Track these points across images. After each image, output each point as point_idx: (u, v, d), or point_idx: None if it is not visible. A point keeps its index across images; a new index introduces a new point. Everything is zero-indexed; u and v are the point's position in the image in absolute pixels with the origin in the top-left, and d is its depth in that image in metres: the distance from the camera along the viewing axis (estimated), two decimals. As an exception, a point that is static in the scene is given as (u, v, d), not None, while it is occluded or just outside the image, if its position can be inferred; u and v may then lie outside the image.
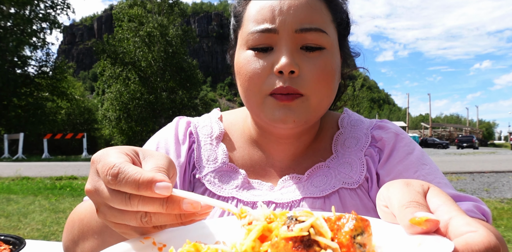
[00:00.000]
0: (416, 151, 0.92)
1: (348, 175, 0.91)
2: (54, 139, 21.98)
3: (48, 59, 27.19)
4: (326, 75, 0.84)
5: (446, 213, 0.41)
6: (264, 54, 0.85)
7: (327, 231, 0.39)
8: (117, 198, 0.49)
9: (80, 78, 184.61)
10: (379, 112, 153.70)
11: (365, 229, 0.40)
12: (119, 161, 0.50)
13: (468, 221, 0.39)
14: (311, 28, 0.83)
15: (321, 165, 0.94)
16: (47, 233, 4.59)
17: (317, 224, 0.39)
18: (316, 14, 0.84)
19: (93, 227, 0.74)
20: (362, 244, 0.39)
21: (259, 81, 0.84)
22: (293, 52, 0.82)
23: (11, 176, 9.80)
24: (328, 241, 0.38)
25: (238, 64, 0.88)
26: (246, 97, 0.88)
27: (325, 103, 0.87)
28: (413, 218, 0.40)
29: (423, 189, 0.47)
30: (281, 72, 0.81)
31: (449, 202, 0.43)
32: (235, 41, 0.94)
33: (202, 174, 0.95)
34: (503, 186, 8.75)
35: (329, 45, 0.85)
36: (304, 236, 0.38)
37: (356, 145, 0.96)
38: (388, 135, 0.95)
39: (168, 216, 0.50)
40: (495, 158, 20.13)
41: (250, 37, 0.85)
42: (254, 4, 0.88)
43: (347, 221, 0.40)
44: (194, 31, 35.04)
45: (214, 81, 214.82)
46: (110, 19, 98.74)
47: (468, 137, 48.95)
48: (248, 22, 0.87)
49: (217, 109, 1.11)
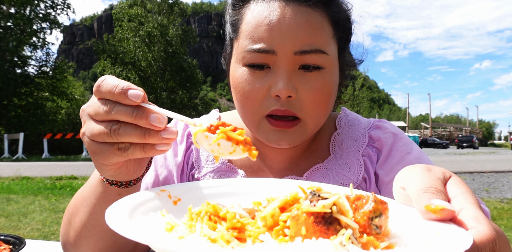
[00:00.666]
0: (414, 151, 0.92)
1: (346, 176, 0.92)
2: (54, 138, 21.94)
3: (48, 59, 27.17)
4: (324, 97, 0.83)
5: (460, 204, 0.41)
6: (260, 73, 0.82)
7: (349, 210, 0.39)
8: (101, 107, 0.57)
9: (80, 78, 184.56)
10: (379, 112, 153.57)
11: (383, 212, 0.40)
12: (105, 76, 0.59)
13: (477, 215, 0.39)
14: (311, 50, 0.80)
15: (319, 166, 0.94)
16: (47, 233, 4.59)
17: (340, 202, 0.39)
18: (316, 33, 0.80)
19: (84, 196, 0.75)
20: (378, 226, 0.40)
21: (256, 103, 0.82)
22: (290, 75, 0.80)
23: (11, 175, 9.79)
24: (349, 220, 0.38)
25: (234, 80, 0.86)
26: (242, 114, 0.87)
27: (320, 124, 0.87)
28: (429, 204, 0.40)
29: (444, 176, 0.46)
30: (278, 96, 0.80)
31: (467, 194, 0.43)
32: (231, 50, 0.91)
33: (201, 174, 0.96)
34: (503, 186, 8.75)
35: (328, 64, 0.83)
36: (326, 213, 0.38)
37: (353, 145, 0.95)
38: (386, 135, 0.94)
39: (134, 129, 0.56)
40: (495, 158, 20.12)
41: (247, 55, 0.82)
42: (251, 17, 0.82)
43: (366, 202, 0.40)
44: (194, 31, 35.02)
45: (214, 81, 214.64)
46: (110, 19, 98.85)
47: (468, 136, 48.96)
48: (245, 37, 0.83)
49: (216, 110, 1.11)
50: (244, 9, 0.86)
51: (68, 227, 0.78)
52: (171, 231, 0.46)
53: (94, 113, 0.57)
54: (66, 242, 0.80)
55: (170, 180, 0.94)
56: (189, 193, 0.61)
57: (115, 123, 0.56)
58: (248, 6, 0.85)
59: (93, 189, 0.72)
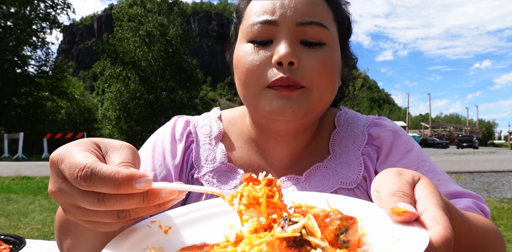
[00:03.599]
0: (414, 148, 0.92)
1: (346, 175, 0.91)
2: (54, 138, 21.95)
3: (48, 58, 27.20)
4: (327, 69, 0.82)
5: (424, 205, 0.44)
6: (263, 47, 0.83)
7: (318, 231, 0.42)
8: (88, 199, 0.46)
9: (80, 78, 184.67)
10: (379, 112, 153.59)
11: (349, 227, 0.43)
12: (88, 160, 0.46)
13: (435, 215, 0.42)
14: (312, 21, 0.82)
15: (319, 165, 0.93)
16: (47, 232, 4.59)
17: (309, 224, 0.42)
18: (317, 9, 0.84)
19: (67, 223, 0.69)
20: (345, 241, 0.43)
21: (257, 73, 0.82)
22: (292, 44, 0.81)
23: (11, 175, 9.79)
24: (318, 240, 0.41)
25: (237, 57, 0.87)
26: (243, 90, 0.86)
27: (326, 98, 0.86)
28: (394, 207, 0.44)
29: (413, 180, 0.49)
30: (280, 63, 0.80)
31: (431, 195, 0.45)
32: (235, 38, 0.94)
33: (200, 173, 0.95)
34: (503, 185, 8.75)
35: (329, 41, 0.84)
36: (296, 237, 0.41)
37: (353, 144, 0.95)
38: (386, 133, 0.94)
39: (147, 208, 0.49)
40: (495, 158, 20.12)
41: (250, 29, 0.84)
42: (256, 1, 0.88)
43: (331, 221, 0.44)
44: (194, 30, 35.06)
45: (214, 81, 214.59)
46: (110, 18, 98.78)
47: (468, 136, 48.93)
48: (249, 15, 0.87)
49: (217, 108, 1.10)
50: (250, 2, 0.91)
51: (57, 238, 0.76)
52: None
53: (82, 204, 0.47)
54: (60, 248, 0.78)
55: (169, 180, 0.93)
56: (178, 219, 0.60)
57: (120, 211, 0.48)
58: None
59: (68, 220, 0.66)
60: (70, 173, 0.46)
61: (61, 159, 0.48)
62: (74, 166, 0.46)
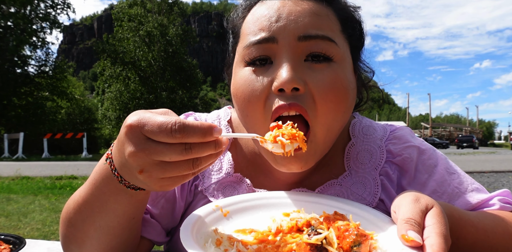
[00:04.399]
0: (440, 161, 0.88)
1: (361, 196, 0.85)
2: (54, 138, 21.95)
3: (48, 58, 27.17)
4: (337, 92, 0.71)
5: (428, 233, 0.53)
6: (262, 70, 0.73)
7: (335, 243, 0.55)
8: (176, 150, 0.53)
9: (80, 78, 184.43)
10: (379, 112, 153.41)
11: (362, 242, 0.55)
12: (172, 118, 0.53)
13: (433, 243, 0.51)
14: (317, 35, 0.70)
15: (333, 182, 0.87)
16: (47, 232, 4.59)
17: (329, 236, 0.56)
18: (322, 20, 0.73)
19: (94, 203, 0.69)
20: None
21: (257, 106, 0.73)
22: (295, 65, 0.71)
23: (11, 175, 9.79)
24: (334, 250, 0.54)
25: (235, 85, 0.77)
26: (245, 124, 0.79)
27: (334, 131, 0.76)
28: (405, 234, 0.53)
29: (426, 208, 0.57)
30: (282, 90, 0.70)
31: (437, 224, 0.53)
32: (233, 58, 0.85)
33: (205, 185, 0.90)
34: (503, 186, 8.74)
35: (338, 57, 0.73)
36: (318, 244, 0.55)
37: (370, 161, 0.88)
38: (409, 150, 0.87)
39: (213, 155, 0.56)
40: (495, 158, 20.11)
41: (247, 51, 0.74)
42: (251, 16, 0.78)
43: (349, 234, 0.55)
44: (194, 30, 35.03)
45: (214, 81, 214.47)
46: (110, 18, 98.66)
47: (468, 136, 48.92)
48: (245, 35, 0.77)
49: (228, 108, 1.02)
50: (246, 15, 0.82)
51: (71, 228, 0.74)
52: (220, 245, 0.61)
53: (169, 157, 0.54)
54: (69, 243, 0.76)
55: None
56: (234, 206, 0.75)
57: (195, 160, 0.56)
58: (250, 11, 0.81)
59: (102, 188, 0.67)
60: (161, 129, 0.52)
61: (143, 123, 0.54)
62: (165, 123, 0.52)
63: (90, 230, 0.71)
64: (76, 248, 0.75)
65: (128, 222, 0.71)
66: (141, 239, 0.85)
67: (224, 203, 0.75)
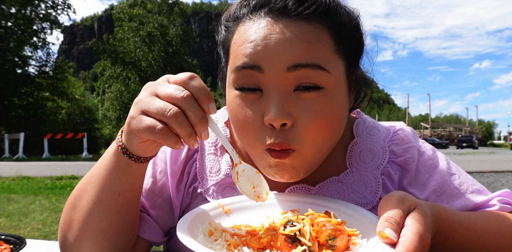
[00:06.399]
0: (440, 161, 0.89)
1: (362, 195, 0.86)
2: (54, 138, 21.96)
3: (48, 59, 27.16)
4: (326, 123, 0.73)
5: (404, 232, 0.56)
6: (253, 97, 0.74)
7: (307, 234, 0.61)
8: (180, 92, 0.62)
9: (81, 78, 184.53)
10: (379, 112, 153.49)
11: (337, 236, 0.60)
12: (187, 74, 0.65)
13: (405, 240, 0.54)
14: (308, 64, 0.69)
15: (334, 179, 0.87)
16: (48, 232, 4.59)
17: (303, 229, 0.62)
18: (312, 47, 0.70)
19: (93, 172, 0.77)
20: (333, 245, 0.60)
21: (252, 133, 0.75)
22: (284, 98, 0.71)
23: (12, 175, 9.79)
24: (305, 240, 0.60)
25: (229, 105, 0.79)
26: (242, 143, 0.83)
27: (323, 151, 0.78)
28: (381, 231, 0.57)
29: (409, 209, 0.60)
30: (272, 125, 0.72)
31: (415, 224, 0.57)
32: (226, 70, 0.83)
33: (204, 187, 0.90)
34: (503, 186, 8.74)
35: (330, 84, 0.72)
36: (291, 235, 0.61)
37: (372, 160, 0.88)
38: (411, 151, 0.88)
39: (197, 122, 0.62)
40: (495, 158, 20.10)
41: (235, 75, 0.74)
42: (237, 36, 0.76)
43: (326, 229, 0.61)
44: (194, 31, 35.02)
45: (214, 81, 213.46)
46: (111, 19, 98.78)
47: (467, 136, 48.89)
48: (233, 55, 0.76)
49: (226, 109, 1.01)
50: (234, 30, 0.79)
51: (72, 212, 0.76)
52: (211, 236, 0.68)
53: (167, 93, 0.62)
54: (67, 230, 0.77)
55: (167, 187, 0.89)
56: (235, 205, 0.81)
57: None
58: (238, 27, 0.77)
59: (105, 162, 0.74)
60: (178, 80, 0.64)
61: (157, 84, 0.66)
62: (180, 77, 0.64)
63: (89, 206, 0.75)
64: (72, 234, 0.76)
65: (115, 198, 0.75)
66: (137, 239, 0.85)
67: (226, 201, 0.81)
